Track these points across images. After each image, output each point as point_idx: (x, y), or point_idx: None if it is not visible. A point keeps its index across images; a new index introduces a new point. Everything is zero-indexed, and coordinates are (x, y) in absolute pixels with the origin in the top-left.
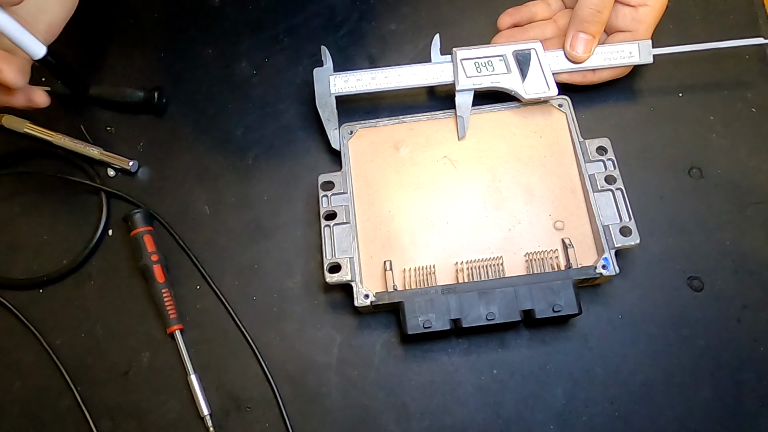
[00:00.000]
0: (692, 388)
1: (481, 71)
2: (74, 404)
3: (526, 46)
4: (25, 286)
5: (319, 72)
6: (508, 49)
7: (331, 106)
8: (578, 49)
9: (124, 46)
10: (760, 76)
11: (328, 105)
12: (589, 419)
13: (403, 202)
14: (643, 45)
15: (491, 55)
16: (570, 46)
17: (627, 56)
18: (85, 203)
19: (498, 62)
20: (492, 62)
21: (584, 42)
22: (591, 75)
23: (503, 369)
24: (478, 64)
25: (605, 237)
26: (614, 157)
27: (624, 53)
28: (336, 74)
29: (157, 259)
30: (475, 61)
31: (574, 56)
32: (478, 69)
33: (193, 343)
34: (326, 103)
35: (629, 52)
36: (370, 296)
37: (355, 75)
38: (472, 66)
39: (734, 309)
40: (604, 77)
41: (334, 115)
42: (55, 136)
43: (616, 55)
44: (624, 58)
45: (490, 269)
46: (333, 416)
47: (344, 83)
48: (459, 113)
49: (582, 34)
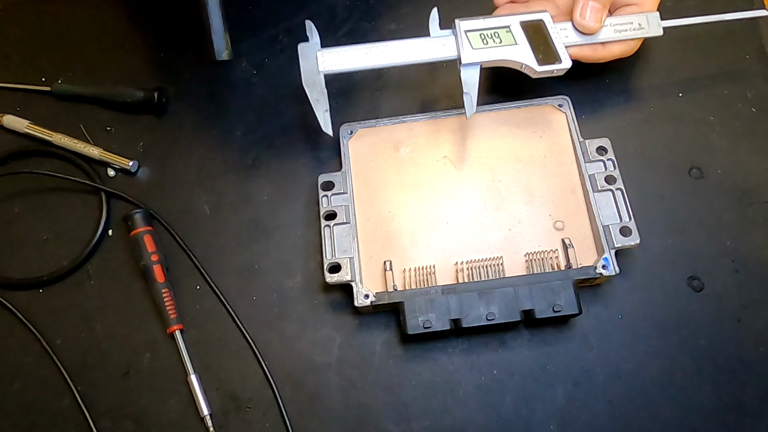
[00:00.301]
0: (692, 388)
1: (488, 43)
2: (74, 404)
3: (535, 16)
4: (25, 286)
5: (304, 48)
6: (514, 19)
7: (320, 85)
8: (588, 18)
9: (124, 46)
10: (760, 77)
11: (317, 84)
12: (589, 419)
13: (403, 202)
14: (651, 17)
15: (497, 26)
16: (580, 15)
17: (637, 28)
18: (85, 203)
19: (505, 34)
20: (499, 33)
21: (594, 11)
22: (601, 49)
23: (503, 369)
24: (484, 36)
25: (605, 237)
26: (614, 157)
27: (634, 25)
28: (324, 50)
29: (157, 259)
30: (481, 33)
31: (585, 26)
32: (485, 41)
33: (193, 343)
34: (314, 81)
35: (638, 24)
36: (370, 296)
37: (347, 50)
38: (478, 38)
39: (734, 309)
40: (614, 52)
41: (323, 95)
42: (55, 136)
43: (626, 26)
44: (634, 30)
45: (490, 269)
46: (333, 416)
47: (334, 60)
48: (465, 90)
49: (592, 2)
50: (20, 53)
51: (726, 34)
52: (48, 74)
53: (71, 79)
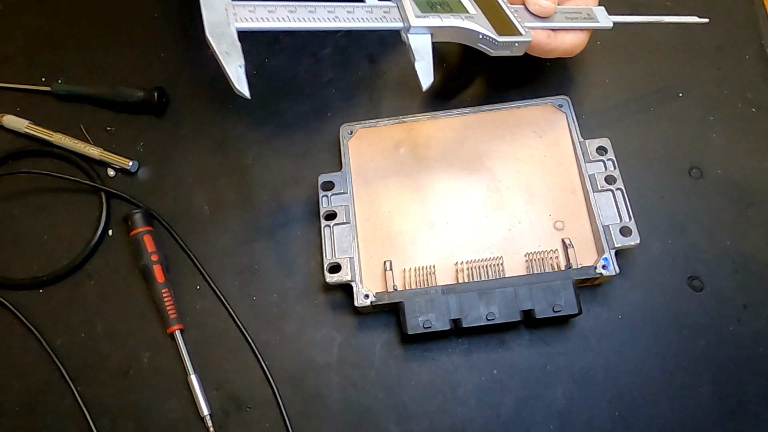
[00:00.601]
0: (692, 388)
1: (438, 9)
2: (74, 404)
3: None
4: (25, 286)
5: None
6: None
7: (230, 36)
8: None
9: (124, 46)
10: (760, 76)
11: (226, 35)
12: (589, 419)
13: (403, 202)
14: (597, 10)
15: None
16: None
17: (587, 18)
18: (85, 203)
19: (455, 3)
20: (448, 3)
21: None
22: (554, 36)
23: (503, 369)
24: (432, 3)
25: (605, 237)
26: (614, 157)
27: (583, 15)
28: (237, 2)
29: (157, 259)
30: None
31: (541, 5)
32: (432, 7)
33: (193, 343)
34: (223, 33)
35: (587, 14)
36: (370, 296)
37: (266, 5)
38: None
39: (734, 309)
40: (566, 43)
41: (236, 47)
42: (55, 136)
43: (575, 15)
44: (584, 19)
45: (490, 269)
46: (333, 416)
47: (250, 14)
48: (417, 58)
49: None
50: (20, 53)
51: (726, 34)
52: (48, 74)
53: (71, 79)
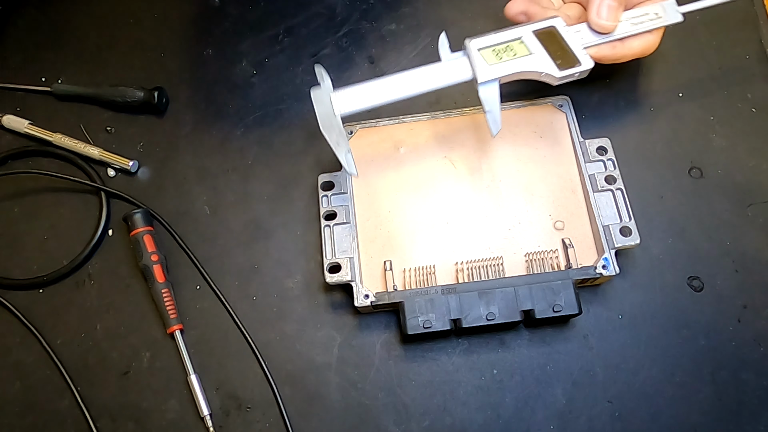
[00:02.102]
0: (692, 388)
1: (502, 57)
2: (74, 404)
3: (546, 23)
4: (25, 286)
5: (317, 92)
6: (526, 29)
7: (338, 127)
8: (605, 17)
9: (124, 46)
10: (760, 76)
11: (335, 126)
12: (589, 419)
13: (403, 202)
14: (667, 4)
15: (509, 39)
16: (596, 14)
17: (654, 18)
18: (85, 203)
19: (518, 45)
20: (512, 46)
21: (610, 9)
22: (620, 46)
23: (503, 369)
24: (498, 51)
25: (605, 237)
26: (614, 157)
27: (650, 15)
28: (338, 91)
29: (157, 259)
30: (493, 48)
31: (601, 25)
32: (498, 56)
33: (193, 343)
34: (332, 124)
35: (655, 14)
36: (370, 296)
37: (360, 88)
38: (491, 54)
39: (734, 309)
40: (634, 48)
41: (343, 137)
42: (55, 136)
43: (641, 18)
44: (651, 20)
45: (490, 269)
46: (333, 416)
47: (349, 100)
48: (487, 108)
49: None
50: (20, 53)
51: (726, 34)
52: (48, 74)
53: (71, 79)
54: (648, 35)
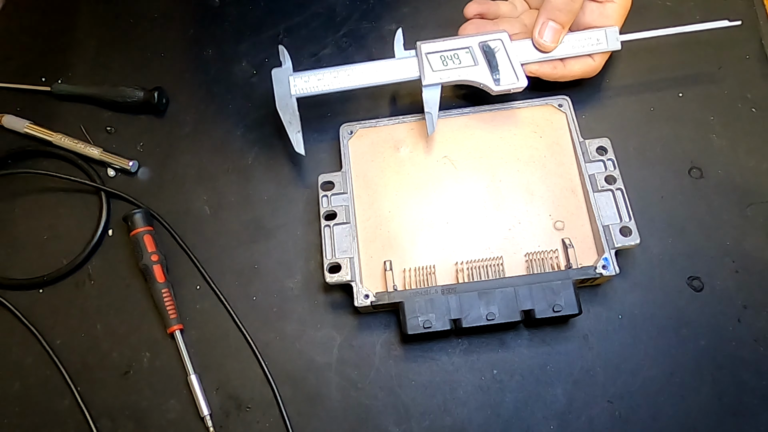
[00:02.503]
0: (692, 388)
1: (448, 65)
2: (74, 404)
3: (493, 36)
4: (25, 286)
5: (277, 73)
6: (474, 40)
7: (292, 107)
8: (546, 37)
9: (124, 46)
10: (760, 76)
11: (289, 107)
12: (589, 419)
13: (403, 202)
14: (610, 31)
15: (457, 48)
16: (538, 33)
17: (594, 43)
18: (85, 203)
19: (464, 54)
20: (458, 55)
21: (553, 31)
22: (561, 67)
23: (503, 369)
24: (444, 58)
25: (605, 237)
26: (614, 157)
27: (591, 40)
28: (296, 74)
29: (157, 259)
30: (441, 55)
31: (542, 44)
32: (444, 62)
33: (193, 343)
34: (287, 105)
35: (596, 39)
36: (370, 296)
37: (316, 74)
38: (438, 60)
39: (734, 309)
40: (575, 70)
41: (296, 117)
42: (55, 136)
43: (583, 42)
44: (592, 45)
45: (490, 269)
46: (333, 416)
47: (305, 84)
48: (427, 109)
49: (552, 22)
50: (20, 53)
51: (726, 34)
52: (48, 74)
53: (71, 79)
54: (588, 59)
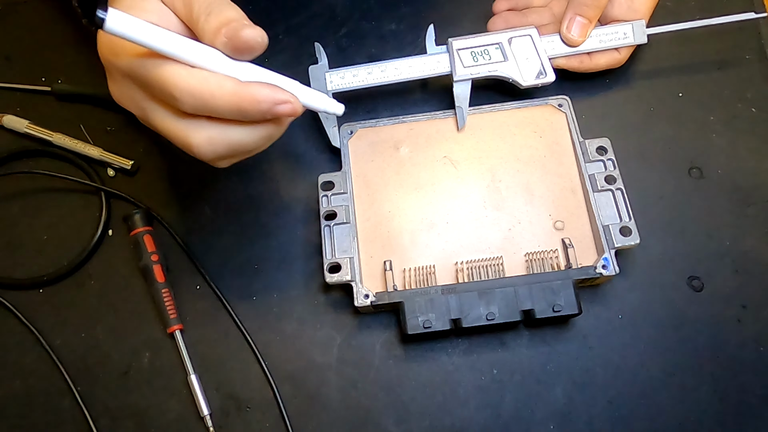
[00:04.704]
0: (692, 388)
1: (478, 60)
2: (74, 404)
3: (522, 32)
4: (25, 286)
5: (314, 70)
6: (503, 36)
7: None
8: (574, 32)
9: None
10: (760, 76)
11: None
12: (589, 419)
13: (403, 202)
14: (636, 25)
15: (487, 44)
16: (566, 28)
17: (621, 37)
18: (85, 203)
19: (494, 50)
20: (488, 51)
21: (581, 25)
22: (587, 60)
23: (503, 369)
24: (475, 54)
25: (605, 237)
26: (614, 157)
27: (618, 34)
28: (332, 71)
29: (157, 259)
30: (472, 51)
31: (570, 39)
32: (475, 58)
33: (193, 343)
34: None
35: (623, 33)
36: (370, 296)
37: (351, 71)
38: (469, 55)
39: (734, 309)
40: (600, 64)
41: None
42: (55, 136)
43: (610, 36)
44: (618, 39)
45: (490, 269)
46: (333, 416)
47: (341, 80)
48: (458, 104)
49: (579, 17)
50: (20, 53)
51: (726, 35)
52: (48, 74)
53: (71, 79)
54: (614, 52)
